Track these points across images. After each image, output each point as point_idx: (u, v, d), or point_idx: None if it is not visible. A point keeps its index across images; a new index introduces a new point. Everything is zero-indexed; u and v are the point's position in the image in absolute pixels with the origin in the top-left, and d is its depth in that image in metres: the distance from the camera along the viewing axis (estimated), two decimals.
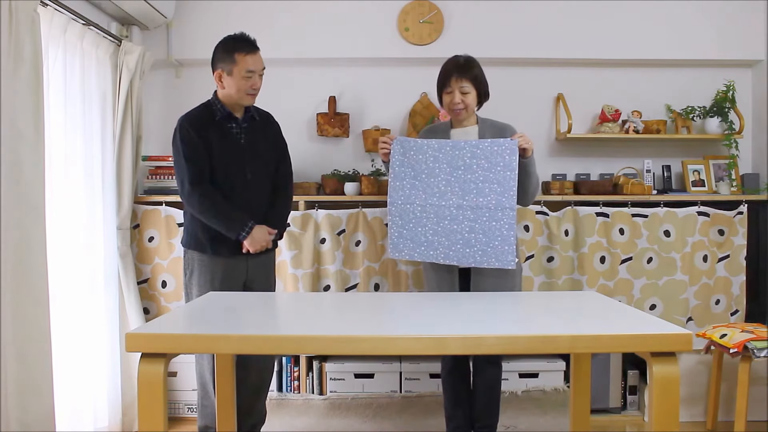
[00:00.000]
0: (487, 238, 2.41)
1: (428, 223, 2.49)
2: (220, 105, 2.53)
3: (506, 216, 2.39)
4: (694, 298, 3.29)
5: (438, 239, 2.47)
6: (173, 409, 3.25)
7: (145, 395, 1.57)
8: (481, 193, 2.42)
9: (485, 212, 2.41)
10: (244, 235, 2.47)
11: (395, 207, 2.53)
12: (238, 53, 2.44)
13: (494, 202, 2.40)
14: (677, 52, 3.46)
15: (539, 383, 3.28)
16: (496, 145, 2.42)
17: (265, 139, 2.63)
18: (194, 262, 2.58)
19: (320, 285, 3.27)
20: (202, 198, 2.46)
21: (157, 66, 3.44)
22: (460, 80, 2.48)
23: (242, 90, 2.47)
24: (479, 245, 2.42)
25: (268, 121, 2.70)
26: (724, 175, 3.46)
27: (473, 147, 2.44)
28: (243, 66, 2.44)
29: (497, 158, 2.41)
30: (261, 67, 2.51)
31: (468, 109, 2.51)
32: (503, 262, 2.41)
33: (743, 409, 2.71)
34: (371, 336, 1.61)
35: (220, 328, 1.70)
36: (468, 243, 2.43)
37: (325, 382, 3.30)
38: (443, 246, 2.47)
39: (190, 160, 2.46)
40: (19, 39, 2.12)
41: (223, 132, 2.52)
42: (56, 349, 2.34)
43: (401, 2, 3.44)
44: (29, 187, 2.16)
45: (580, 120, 3.52)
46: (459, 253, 2.45)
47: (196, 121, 2.50)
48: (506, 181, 2.39)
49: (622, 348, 1.81)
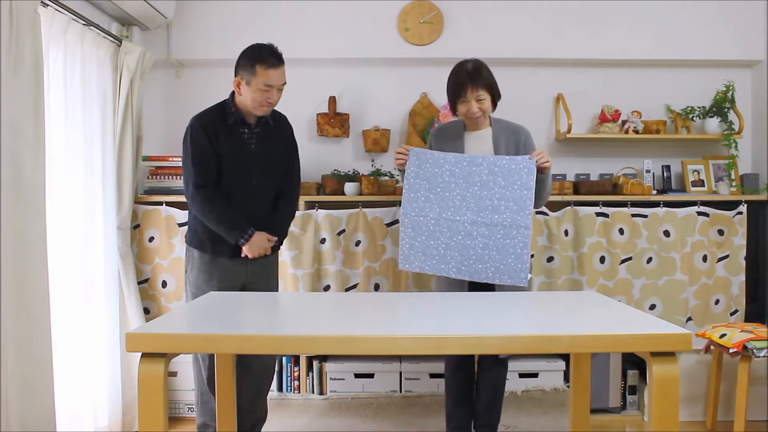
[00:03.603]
0: (500, 256, 2.39)
1: (441, 237, 2.45)
2: (234, 109, 2.52)
3: (521, 234, 2.38)
4: (694, 298, 3.29)
5: (450, 253, 2.45)
6: (173, 409, 3.25)
7: (146, 395, 1.57)
8: (496, 210, 2.40)
9: (500, 230, 2.40)
10: (243, 241, 2.48)
11: (408, 218, 2.50)
12: (260, 65, 2.41)
13: (509, 220, 2.38)
14: (677, 52, 3.46)
15: (539, 383, 3.29)
16: (514, 164, 2.40)
17: (276, 145, 2.62)
18: (194, 260, 2.59)
19: (320, 285, 3.27)
20: (205, 202, 2.47)
21: (158, 66, 3.43)
22: (476, 90, 2.44)
23: (257, 102, 2.45)
24: (492, 262, 2.41)
25: (282, 124, 2.68)
26: (723, 175, 3.46)
27: (491, 164, 2.42)
28: (262, 79, 2.42)
29: (514, 176, 2.39)
30: (281, 82, 2.48)
31: (485, 115, 2.52)
32: (516, 279, 2.40)
33: (743, 409, 2.72)
34: (371, 336, 1.61)
35: (220, 328, 1.70)
36: (481, 259, 2.42)
37: (325, 382, 3.30)
38: (455, 260, 2.44)
39: (197, 162, 2.47)
40: (20, 39, 2.12)
41: (234, 136, 2.51)
42: (56, 348, 2.34)
43: (401, 2, 3.44)
44: (29, 187, 2.17)
45: (580, 120, 3.52)
46: (471, 268, 2.43)
47: (208, 123, 2.49)
48: (522, 200, 2.38)
49: (621, 348, 1.80)
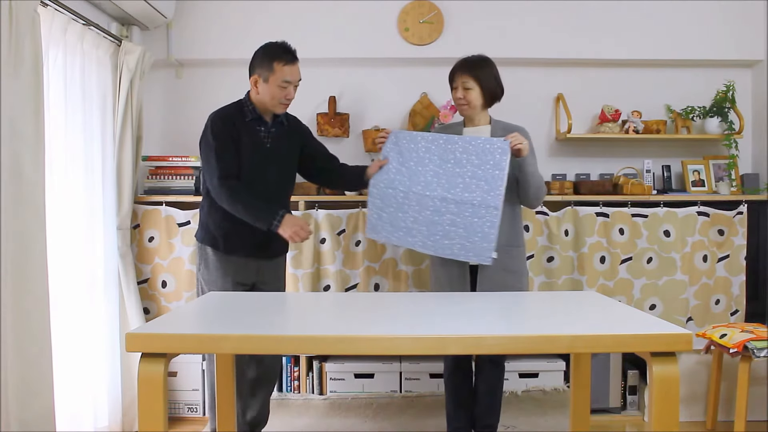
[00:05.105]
0: (467, 233, 2.40)
1: (409, 210, 2.48)
2: (251, 107, 2.52)
3: (489, 214, 2.38)
4: (694, 298, 3.29)
5: (418, 227, 2.47)
6: (173, 409, 3.25)
7: (145, 395, 1.58)
8: (467, 188, 2.41)
9: (468, 208, 2.40)
10: (276, 223, 2.41)
11: (377, 189, 2.54)
12: (277, 62, 2.44)
13: (479, 198, 2.39)
14: (677, 52, 3.46)
15: (539, 383, 3.29)
16: (489, 143, 2.41)
17: (290, 144, 2.63)
18: (207, 257, 2.58)
19: (320, 285, 3.27)
20: (231, 192, 2.44)
21: (158, 66, 3.43)
22: (463, 76, 2.49)
23: (276, 99, 2.47)
24: (458, 239, 2.42)
25: (297, 126, 2.70)
26: (724, 175, 3.45)
27: (466, 143, 2.44)
28: (280, 76, 2.44)
29: (488, 156, 2.40)
30: (298, 78, 2.51)
31: (470, 106, 2.51)
32: (481, 258, 2.40)
33: (743, 409, 2.71)
34: (371, 336, 1.61)
35: (220, 328, 1.70)
36: (447, 235, 2.43)
37: (325, 382, 3.30)
38: (422, 234, 2.47)
39: (221, 155, 2.46)
40: (19, 39, 2.11)
41: (252, 134, 2.52)
42: (56, 349, 2.33)
43: (401, 2, 3.44)
44: (29, 187, 2.16)
45: (580, 120, 3.52)
46: (437, 243, 2.45)
47: (228, 119, 2.49)
48: (494, 180, 2.38)
49: (622, 348, 1.80)
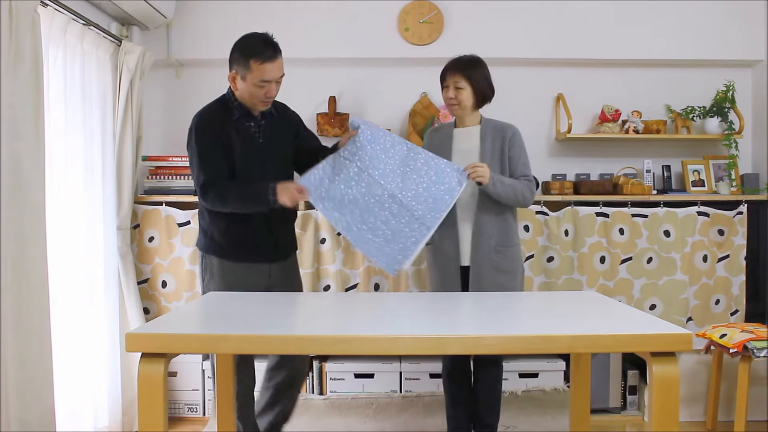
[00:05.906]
0: (392, 238, 2.32)
1: (355, 188, 2.31)
2: (237, 103, 2.37)
3: (420, 231, 2.32)
4: (694, 298, 3.29)
5: (352, 208, 2.32)
6: (173, 409, 3.25)
7: (145, 395, 1.57)
8: (417, 197, 2.34)
9: (407, 215, 2.32)
10: (272, 197, 2.29)
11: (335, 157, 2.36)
12: (254, 60, 2.24)
13: (421, 212, 2.32)
14: (677, 52, 3.46)
15: (539, 383, 3.28)
16: (449, 167, 2.37)
17: (284, 135, 2.50)
18: (213, 268, 2.44)
19: (320, 285, 3.27)
20: (216, 194, 2.34)
21: (158, 66, 3.43)
22: (455, 75, 2.48)
23: (255, 98, 2.31)
24: (381, 239, 2.33)
25: (286, 114, 2.54)
26: (723, 175, 3.45)
27: (429, 157, 2.39)
28: (257, 75, 2.25)
29: (445, 178, 2.36)
30: (279, 75, 2.31)
31: (461, 106, 2.50)
32: (388, 267, 2.34)
33: (743, 409, 2.71)
34: (371, 336, 1.61)
35: (221, 328, 1.70)
36: (374, 230, 2.32)
37: (325, 382, 3.30)
38: (351, 216, 2.32)
39: (205, 160, 2.34)
40: (19, 39, 2.11)
41: (242, 132, 2.38)
42: (56, 349, 2.33)
43: (401, 2, 3.44)
44: (29, 187, 2.16)
45: (580, 120, 3.52)
46: (359, 233, 2.32)
47: (214, 121, 2.35)
48: (440, 203, 2.33)
49: (622, 348, 1.80)
